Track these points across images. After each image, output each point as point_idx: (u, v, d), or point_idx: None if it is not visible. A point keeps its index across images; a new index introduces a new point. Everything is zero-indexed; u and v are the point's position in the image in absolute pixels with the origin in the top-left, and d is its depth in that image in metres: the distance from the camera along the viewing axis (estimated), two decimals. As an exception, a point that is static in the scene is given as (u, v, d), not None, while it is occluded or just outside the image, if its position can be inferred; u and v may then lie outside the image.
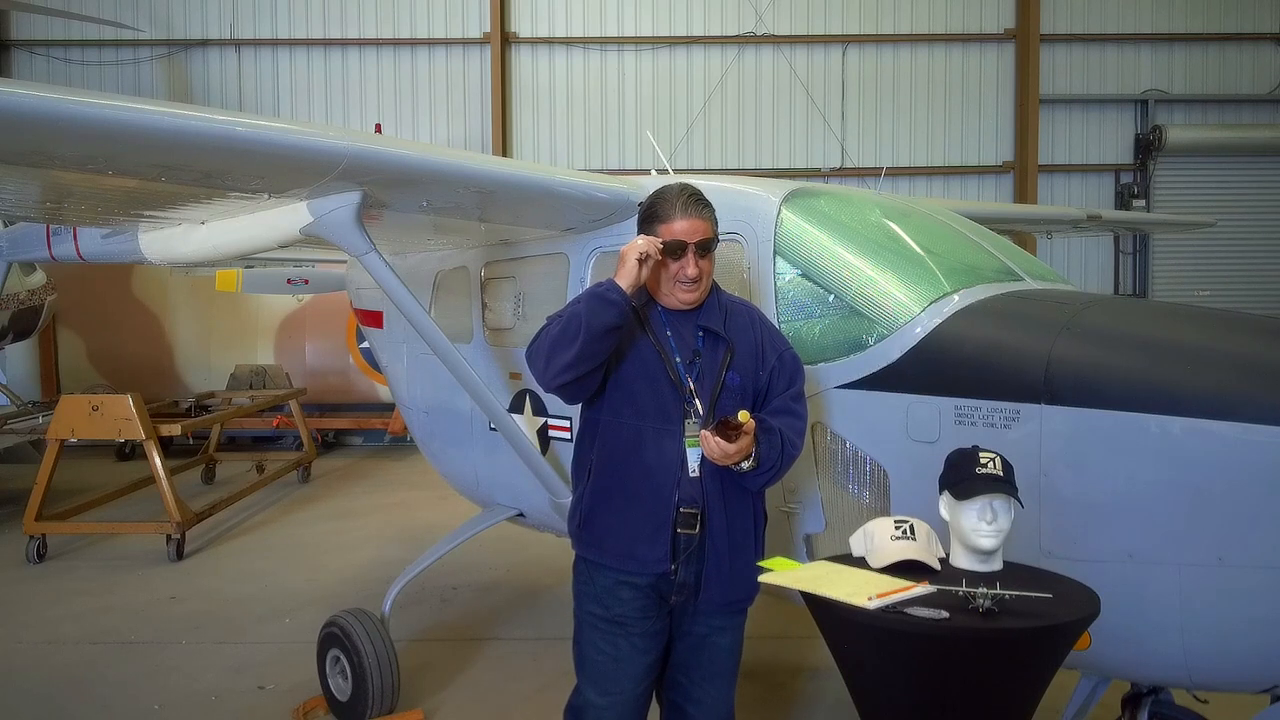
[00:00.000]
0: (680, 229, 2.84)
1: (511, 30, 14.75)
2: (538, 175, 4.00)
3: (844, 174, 14.69)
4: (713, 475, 2.85)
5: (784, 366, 2.99)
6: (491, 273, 4.99)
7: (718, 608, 2.96)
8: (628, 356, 2.89)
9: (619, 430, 2.91)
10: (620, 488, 2.92)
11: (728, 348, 2.92)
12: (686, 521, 2.85)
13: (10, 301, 9.73)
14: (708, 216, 2.90)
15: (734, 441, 2.70)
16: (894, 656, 2.38)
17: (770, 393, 2.97)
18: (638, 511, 2.88)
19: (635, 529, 2.89)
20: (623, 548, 2.91)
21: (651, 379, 2.88)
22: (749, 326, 3.00)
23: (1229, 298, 14.42)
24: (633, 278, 2.75)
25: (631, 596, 2.91)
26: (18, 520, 7.75)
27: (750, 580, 2.89)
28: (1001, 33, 15.02)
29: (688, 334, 2.93)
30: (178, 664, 5.36)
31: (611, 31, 14.83)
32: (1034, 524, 2.93)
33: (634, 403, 2.89)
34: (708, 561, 2.88)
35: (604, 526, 2.95)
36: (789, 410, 2.94)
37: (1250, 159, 15.19)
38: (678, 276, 2.87)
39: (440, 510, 8.90)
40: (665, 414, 2.87)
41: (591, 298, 2.76)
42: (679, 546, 2.86)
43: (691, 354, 2.91)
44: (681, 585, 2.90)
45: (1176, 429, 2.72)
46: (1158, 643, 2.81)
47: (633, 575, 2.90)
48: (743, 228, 3.77)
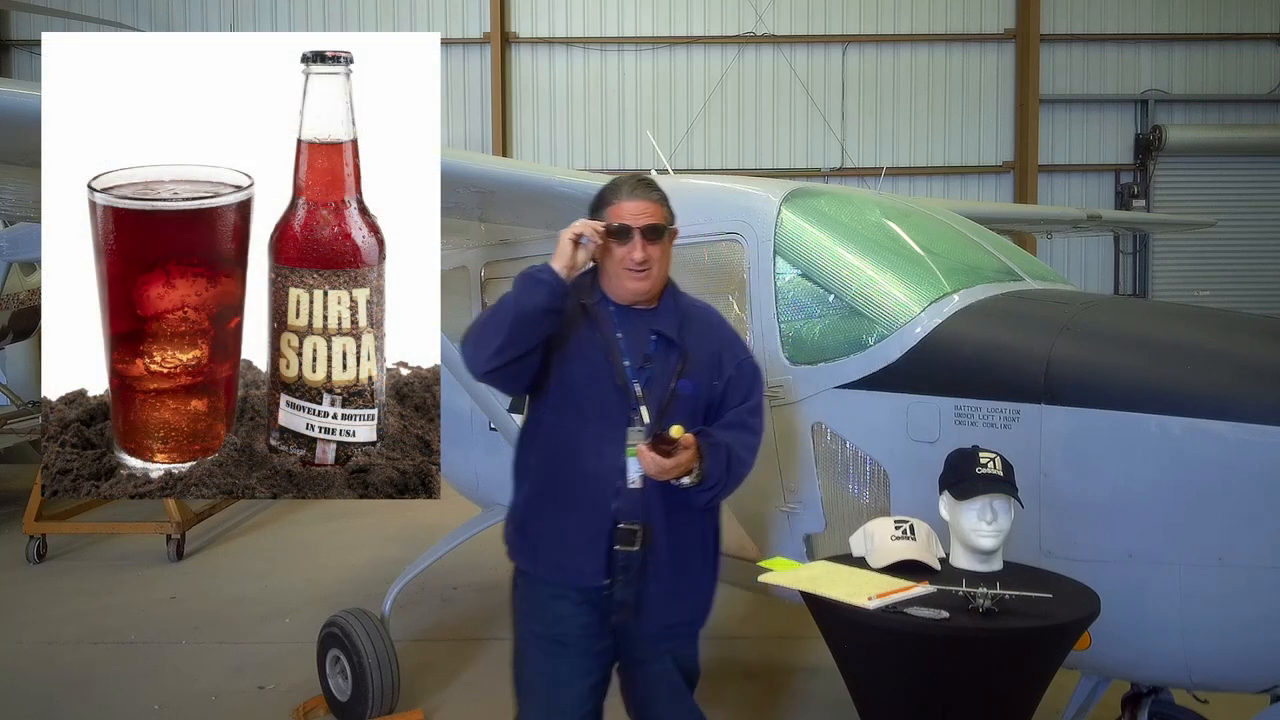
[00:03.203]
0: (627, 210, 2.67)
1: (511, 30, 14.75)
2: (538, 175, 4.01)
3: (844, 174, 14.68)
4: (656, 489, 2.64)
5: (742, 377, 2.80)
6: (491, 273, 4.99)
7: (661, 632, 2.77)
8: (574, 356, 2.70)
9: (560, 433, 2.73)
10: (556, 494, 2.74)
11: (681, 354, 2.73)
12: (626, 537, 2.65)
13: (10, 301, 9.74)
14: (657, 200, 2.72)
15: (669, 457, 2.51)
16: (894, 656, 2.38)
17: (725, 404, 2.77)
18: (572, 520, 2.70)
19: (569, 538, 2.70)
20: (555, 558, 2.74)
21: (597, 381, 2.69)
22: (708, 332, 2.82)
23: (1229, 298, 14.41)
24: (567, 259, 2.58)
25: (571, 614, 2.73)
26: (18, 520, 7.74)
27: (699, 602, 2.78)
28: (1001, 33, 15.02)
29: (640, 336, 2.73)
30: (178, 664, 5.35)
31: (611, 31, 14.83)
32: (1034, 524, 2.93)
33: (577, 405, 2.70)
34: (650, 581, 2.68)
35: (537, 534, 2.79)
36: (742, 424, 2.75)
37: (1250, 159, 15.19)
38: (624, 262, 2.67)
39: (440, 510, 8.87)
40: (609, 420, 2.66)
41: (522, 278, 2.59)
42: (617, 563, 2.67)
43: (642, 358, 2.71)
44: (621, 604, 2.70)
45: (1176, 429, 2.72)
46: (1158, 643, 2.81)
47: (568, 589, 2.72)
48: (743, 228, 3.77)
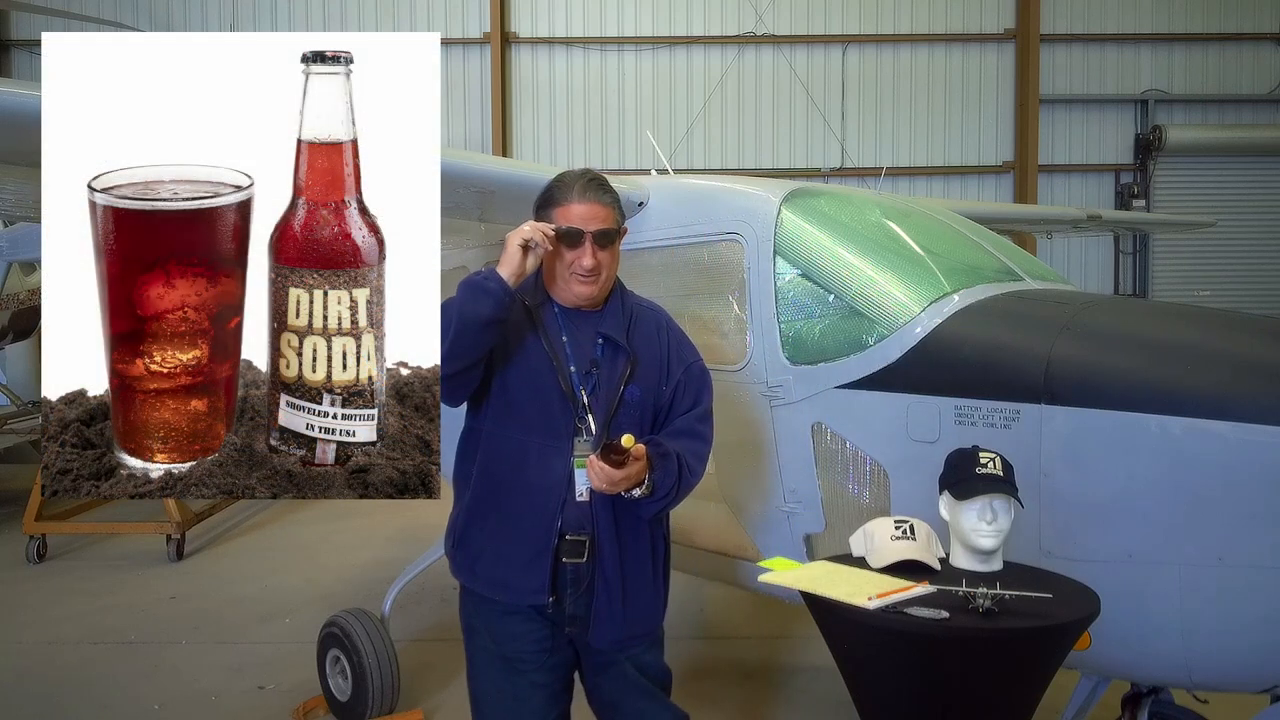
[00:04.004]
0: (577, 214, 2.57)
1: (511, 30, 14.75)
2: (538, 175, 4.00)
3: (844, 174, 14.69)
4: (603, 501, 2.56)
5: (690, 381, 2.71)
6: (491, 273, 4.99)
7: (613, 642, 2.68)
8: (515, 361, 2.61)
9: (502, 443, 2.64)
10: (497, 507, 2.65)
11: (629, 359, 2.62)
12: (573, 550, 2.57)
13: (10, 301, 9.75)
14: (609, 203, 2.62)
15: (620, 468, 2.41)
16: (894, 656, 2.38)
17: (673, 410, 2.69)
18: (514, 535, 2.62)
19: (510, 554, 2.62)
20: (495, 574, 2.65)
21: (541, 389, 2.59)
22: (655, 334, 2.72)
23: (1229, 298, 14.42)
24: (515, 266, 2.48)
25: (524, 631, 2.65)
26: (18, 520, 7.75)
27: (649, 613, 2.72)
28: (1001, 33, 15.02)
29: (586, 340, 2.63)
30: (178, 664, 5.36)
31: (611, 31, 14.84)
32: (1034, 524, 2.93)
33: (520, 414, 2.61)
34: (597, 595, 2.61)
35: (477, 549, 2.69)
36: (691, 432, 2.66)
37: (1250, 159, 15.20)
38: (573, 268, 2.58)
39: (440, 510, 8.88)
40: (554, 429, 2.58)
41: (467, 286, 2.50)
42: (565, 577, 2.60)
43: (589, 364, 2.61)
44: (572, 618, 2.64)
45: (1176, 429, 2.72)
46: (1158, 643, 2.81)
47: (517, 606, 2.64)
48: (743, 228, 3.77)
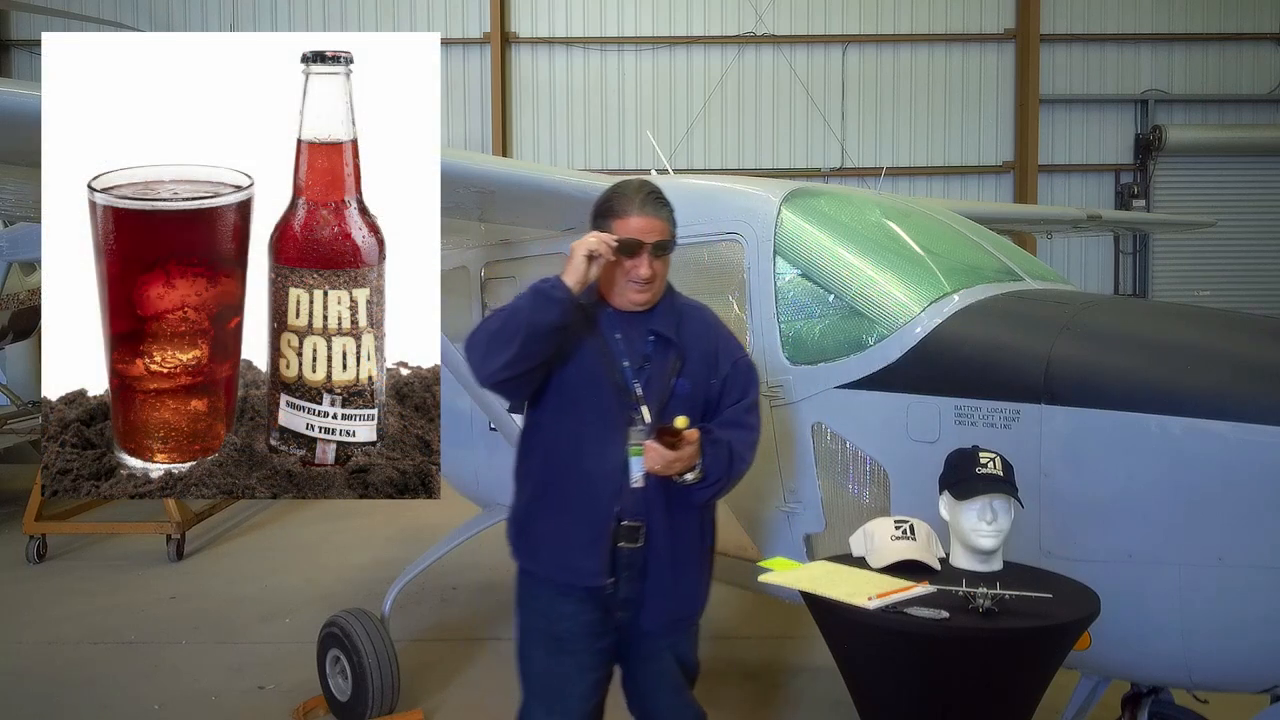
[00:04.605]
0: (636, 226, 2.68)
1: (511, 30, 14.75)
2: (538, 175, 4.01)
3: (844, 174, 14.68)
4: (657, 488, 2.70)
5: (737, 375, 2.84)
6: (491, 273, 5.00)
7: (661, 625, 2.83)
8: (573, 358, 2.74)
9: (560, 435, 2.78)
10: (558, 494, 2.78)
11: (678, 354, 2.77)
12: (629, 535, 2.71)
13: (10, 301, 9.75)
14: (666, 217, 2.75)
15: (676, 450, 2.57)
16: (894, 656, 2.38)
17: (721, 402, 2.82)
18: (574, 520, 2.75)
19: (571, 538, 2.75)
20: (558, 557, 2.78)
21: (596, 383, 2.73)
22: (703, 332, 2.86)
23: (1229, 298, 14.42)
24: (580, 275, 2.60)
25: (574, 612, 2.78)
26: (18, 520, 7.75)
27: (695, 595, 2.85)
28: (1001, 33, 15.02)
29: (638, 338, 2.77)
30: (178, 664, 5.36)
31: (611, 31, 14.83)
32: (1034, 524, 2.93)
33: (577, 407, 2.74)
34: (650, 577, 2.75)
35: (540, 534, 2.83)
36: (740, 422, 2.80)
37: (1250, 159, 15.19)
38: (630, 276, 2.71)
39: (440, 510, 8.88)
40: (609, 420, 2.71)
41: (535, 294, 2.60)
42: (620, 560, 2.73)
43: (640, 359, 2.75)
44: (625, 601, 2.77)
45: (1176, 429, 2.72)
46: (1158, 643, 2.81)
47: (571, 588, 2.77)
48: (743, 228, 3.77)
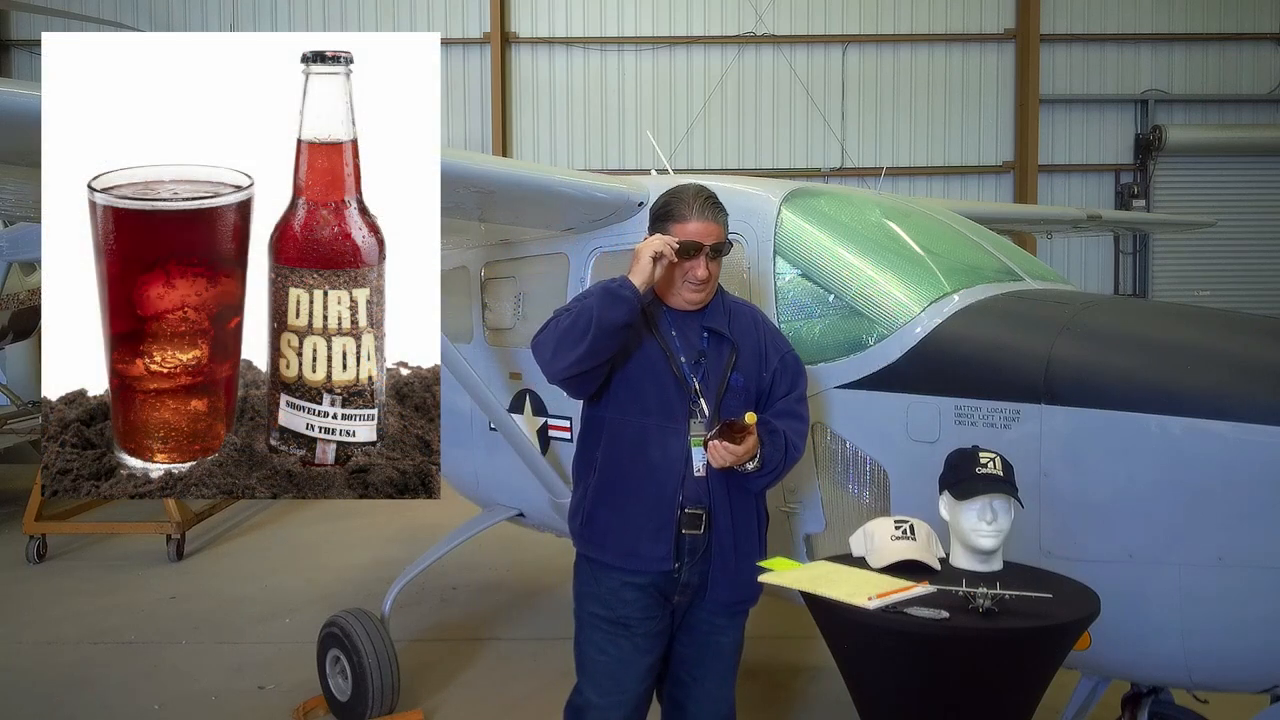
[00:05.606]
0: (694, 230, 2.85)
1: (511, 30, 14.75)
2: (538, 175, 4.01)
3: (844, 174, 14.69)
4: (718, 476, 2.87)
5: (786, 368, 3.01)
6: (491, 273, 4.99)
7: (723, 608, 2.98)
8: (634, 354, 2.90)
9: (624, 428, 2.92)
10: (624, 485, 2.92)
11: (732, 348, 2.94)
12: (692, 522, 2.87)
13: (10, 301, 9.74)
14: (722, 220, 2.92)
15: (740, 444, 2.73)
16: (894, 657, 2.38)
17: (773, 394, 2.99)
18: (640, 509, 2.89)
19: (638, 527, 2.89)
20: (625, 546, 2.91)
21: (657, 377, 2.89)
22: (752, 328, 3.02)
23: (1229, 298, 14.42)
24: (646, 275, 2.76)
25: (635, 597, 2.92)
26: (18, 520, 7.75)
27: (754, 582, 2.90)
28: (1001, 33, 15.02)
29: (693, 334, 2.94)
30: (178, 664, 5.36)
31: (611, 31, 14.84)
32: (1034, 524, 2.93)
33: (639, 401, 2.90)
34: (714, 562, 2.91)
35: (606, 524, 2.95)
36: (792, 413, 2.96)
37: (1250, 159, 15.20)
38: (687, 277, 2.88)
39: (440, 510, 8.88)
40: (670, 412, 2.88)
41: (604, 293, 2.75)
42: (684, 547, 2.88)
43: (697, 354, 2.92)
44: (685, 585, 2.92)
45: (1176, 429, 2.72)
46: (1158, 643, 2.81)
47: (636, 575, 2.90)
48: (743, 228, 3.77)
